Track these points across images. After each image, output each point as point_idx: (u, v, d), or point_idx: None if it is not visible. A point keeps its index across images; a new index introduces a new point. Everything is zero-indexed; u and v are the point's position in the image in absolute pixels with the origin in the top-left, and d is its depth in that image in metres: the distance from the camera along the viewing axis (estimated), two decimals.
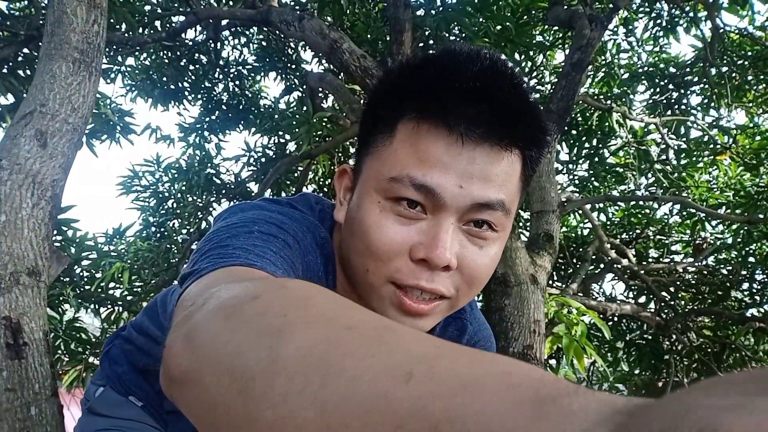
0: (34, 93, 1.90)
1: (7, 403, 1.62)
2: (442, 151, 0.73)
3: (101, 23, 2.04)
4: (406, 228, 0.75)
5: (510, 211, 0.78)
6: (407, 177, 0.73)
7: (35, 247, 1.77)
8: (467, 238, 0.77)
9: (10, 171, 1.75)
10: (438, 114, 0.73)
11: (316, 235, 0.85)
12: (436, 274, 0.76)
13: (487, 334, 1.07)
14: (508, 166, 0.76)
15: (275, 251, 0.73)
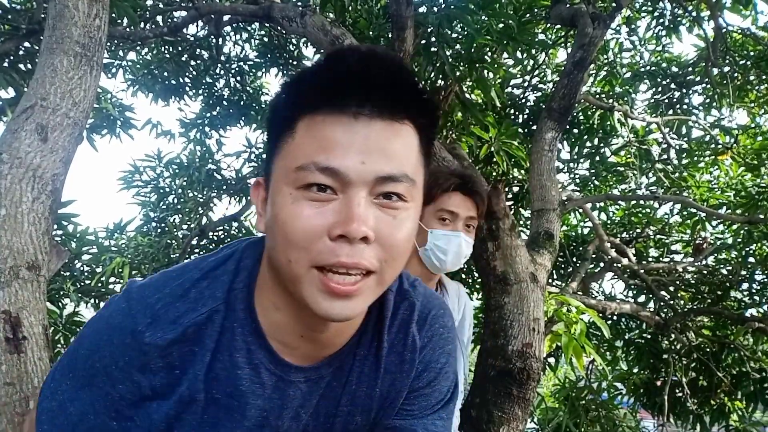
0: (35, 87, 1.90)
1: (6, 397, 1.62)
2: (340, 134, 0.78)
3: (103, 18, 2.04)
4: (320, 211, 0.79)
5: (415, 181, 0.83)
6: (312, 163, 0.78)
7: (35, 242, 1.77)
8: (380, 210, 0.81)
9: (11, 165, 1.75)
10: (330, 101, 0.79)
11: (186, 330, 0.89)
12: (356, 248, 0.78)
13: (437, 303, 1.08)
14: (404, 139, 0.82)
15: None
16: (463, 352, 2.22)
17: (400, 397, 1.02)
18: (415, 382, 1.02)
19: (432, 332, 1.04)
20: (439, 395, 1.05)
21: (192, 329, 0.89)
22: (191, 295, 0.91)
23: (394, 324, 1.01)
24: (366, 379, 0.99)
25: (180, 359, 0.89)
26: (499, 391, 2.76)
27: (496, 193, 2.88)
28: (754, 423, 4.84)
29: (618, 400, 5.05)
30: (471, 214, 2.09)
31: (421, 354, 1.02)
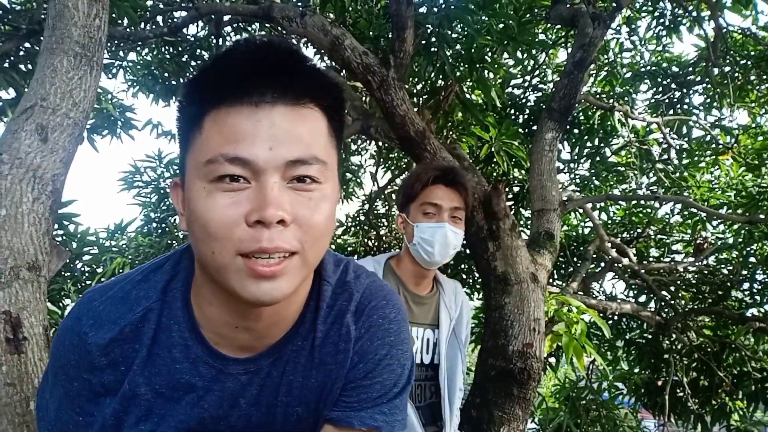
0: (35, 87, 1.90)
1: (6, 397, 1.62)
2: (244, 123, 0.81)
3: (103, 18, 2.04)
4: (234, 200, 0.81)
5: (326, 162, 0.86)
6: (220, 155, 0.80)
7: (35, 242, 1.77)
8: (295, 193, 0.83)
9: (11, 165, 1.75)
10: (230, 93, 0.81)
11: (123, 329, 0.95)
12: (275, 232, 0.81)
13: (381, 294, 1.09)
14: (310, 122, 0.85)
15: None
16: (461, 350, 2.22)
17: (336, 388, 1.03)
18: (352, 374, 1.03)
19: (370, 323, 1.04)
20: (381, 389, 1.04)
21: (129, 328, 0.94)
22: (132, 296, 0.97)
23: (330, 314, 1.02)
24: (302, 370, 1.01)
25: (122, 357, 0.95)
26: (500, 391, 2.76)
27: (496, 193, 2.88)
28: (755, 423, 4.84)
29: (619, 400, 5.05)
30: (455, 205, 2.10)
31: (357, 345, 1.02)
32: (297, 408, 1.04)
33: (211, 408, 0.99)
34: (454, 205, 2.10)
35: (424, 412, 2.13)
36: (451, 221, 2.09)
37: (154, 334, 0.95)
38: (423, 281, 2.19)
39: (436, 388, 2.18)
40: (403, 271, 2.17)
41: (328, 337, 1.02)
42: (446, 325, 2.19)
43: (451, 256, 2.12)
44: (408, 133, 3.07)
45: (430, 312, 2.20)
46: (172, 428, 0.98)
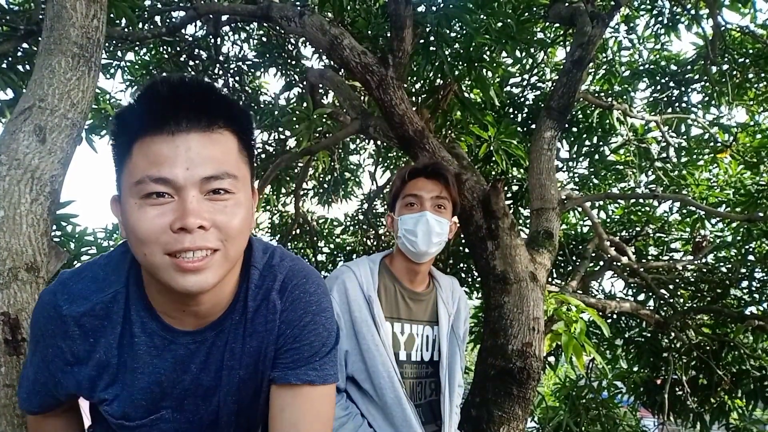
0: (33, 88, 1.89)
1: (5, 399, 1.62)
2: (164, 149, 0.99)
3: (101, 18, 2.03)
4: (161, 212, 1.00)
5: (237, 176, 1.06)
6: (147, 176, 0.99)
7: (34, 243, 1.77)
8: (213, 203, 1.03)
9: (9, 166, 1.75)
10: (151, 125, 1.00)
11: (95, 306, 1.16)
12: (197, 236, 1.01)
13: (302, 273, 1.30)
14: (221, 144, 1.04)
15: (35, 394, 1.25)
16: (459, 347, 2.22)
17: (270, 352, 1.25)
18: (282, 339, 1.25)
19: (293, 297, 1.26)
20: (311, 349, 1.26)
21: (99, 306, 1.15)
22: (100, 278, 1.18)
23: (259, 293, 1.25)
24: (240, 338, 1.24)
25: (92, 330, 1.15)
26: (500, 391, 2.76)
27: (495, 192, 2.88)
28: (754, 421, 4.84)
29: (618, 398, 5.05)
30: (436, 194, 2.11)
31: (282, 315, 1.25)
32: (239, 371, 1.25)
33: (167, 371, 1.20)
34: (435, 194, 2.11)
35: (424, 410, 2.13)
36: (434, 210, 2.09)
37: (124, 314, 1.16)
38: (417, 277, 2.19)
39: (436, 385, 2.18)
40: (396, 269, 2.18)
41: (258, 311, 1.24)
42: (445, 322, 2.19)
43: (437, 245, 2.11)
44: (407, 132, 3.07)
45: (428, 309, 2.20)
46: (137, 390, 1.19)
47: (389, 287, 2.13)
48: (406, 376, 2.09)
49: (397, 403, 1.98)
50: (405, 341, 2.12)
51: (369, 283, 2.06)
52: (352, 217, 6.50)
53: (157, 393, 1.21)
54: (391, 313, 2.10)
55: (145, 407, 1.21)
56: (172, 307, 1.16)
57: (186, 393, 1.23)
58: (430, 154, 3.03)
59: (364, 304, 2.01)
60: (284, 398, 1.24)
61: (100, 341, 1.16)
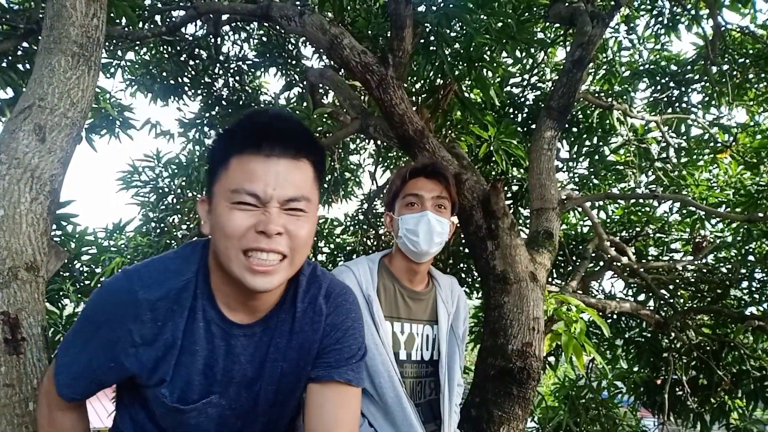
0: (32, 87, 1.89)
1: (5, 398, 1.62)
2: (260, 169, 1.23)
3: (100, 17, 2.04)
4: (247, 216, 1.22)
5: (310, 199, 1.29)
6: (242, 188, 1.22)
7: (34, 242, 1.77)
8: (288, 216, 1.25)
9: (9, 165, 1.75)
10: (251, 146, 1.24)
11: (169, 292, 1.31)
12: (273, 240, 1.23)
13: (341, 285, 1.54)
14: (302, 171, 1.28)
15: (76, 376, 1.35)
16: (458, 346, 2.22)
17: (314, 349, 1.44)
18: (327, 340, 1.45)
19: (336, 304, 1.48)
20: (350, 351, 1.46)
21: (174, 292, 1.30)
22: (172, 269, 1.33)
23: (306, 297, 1.45)
24: (285, 335, 1.42)
25: (163, 314, 1.29)
26: (500, 391, 2.75)
27: (495, 192, 2.88)
28: (754, 421, 4.84)
29: (618, 398, 5.05)
30: (436, 194, 2.12)
31: (328, 318, 1.46)
32: (282, 363, 1.41)
33: (220, 358, 1.35)
34: (436, 194, 2.12)
35: (424, 409, 2.12)
36: (435, 210, 2.10)
37: (192, 301, 1.31)
38: (416, 276, 2.19)
39: (435, 384, 2.18)
40: (396, 268, 2.18)
41: (306, 313, 1.44)
42: (445, 321, 2.19)
43: (437, 245, 2.11)
44: (407, 132, 3.07)
45: (428, 308, 2.20)
46: (195, 371, 1.33)
47: (388, 287, 2.14)
48: (406, 375, 2.09)
49: (398, 403, 1.98)
50: (405, 341, 2.12)
51: (368, 282, 2.06)
52: (352, 217, 6.48)
53: (210, 377, 1.35)
54: (390, 313, 2.10)
55: (199, 390, 1.35)
56: (234, 298, 1.34)
57: (232, 381, 1.38)
58: (430, 153, 3.03)
59: (363, 304, 2.01)
60: (325, 394, 1.41)
61: (167, 324, 1.29)
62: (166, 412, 1.35)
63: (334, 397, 1.41)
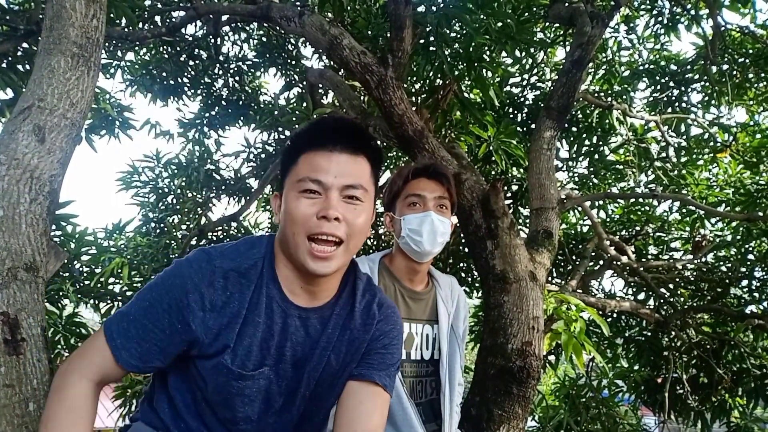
0: (32, 88, 1.89)
1: (5, 399, 1.62)
2: (323, 161, 1.39)
3: (100, 18, 2.04)
4: (311, 203, 1.37)
5: (367, 190, 1.44)
6: (307, 177, 1.38)
7: (33, 243, 1.77)
8: (347, 204, 1.39)
9: (8, 166, 1.75)
10: (317, 144, 1.41)
11: (241, 265, 1.44)
12: (333, 225, 1.36)
13: (390, 300, 1.66)
14: (360, 165, 1.43)
15: (137, 341, 1.40)
16: (459, 345, 2.22)
17: (362, 348, 1.54)
18: (374, 343, 1.56)
19: (386, 313, 1.59)
20: (392, 358, 1.58)
21: (245, 267, 1.43)
22: (242, 250, 1.47)
23: (363, 300, 1.56)
24: (339, 329, 1.51)
25: (233, 285, 1.41)
26: (499, 390, 2.76)
27: (495, 191, 2.88)
28: (755, 419, 4.85)
29: (619, 397, 5.06)
30: (438, 194, 2.14)
31: (378, 324, 1.56)
32: (330, 354, 1.50)
33: (276, 333, 1.45)
34: (438, 194, 2.13)
35: (425, 409, 2.13)
36: (437, 210, 2.11)
37: (258, 278, 1.44)
38: (417, 276, 2.19)
39: (436, 383, 2.18)
40: (396, 268, 2.18)
41: (362, 313, 1.55)
42: (445, 320, 2.19)
43: (440, 245, 2.12)
44: (406, 132, 3.07)
45: (428, 308, 2.21)
46: (256, 341, 1.43)
47: (389, 286, 2.14)
48: (406, 374, 2.09)
49: (398, 402, 1.98)
50: (405, 340, 2.12)
51: None
52: None
53: (265, 350, 1.44)
54: None
55: (256, 360, 1.44)
56: (292, 280, 1.45)
57: (282, 357, 1.46)
58: (429, 154, 3.03)
59: None
60: (365, 393, 1.51)
61: (235, 295, 1.40)
62: (226, 380, 1.43)
63: (371, 398, 1.51)
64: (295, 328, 1.47)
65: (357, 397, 1.51)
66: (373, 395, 1.52)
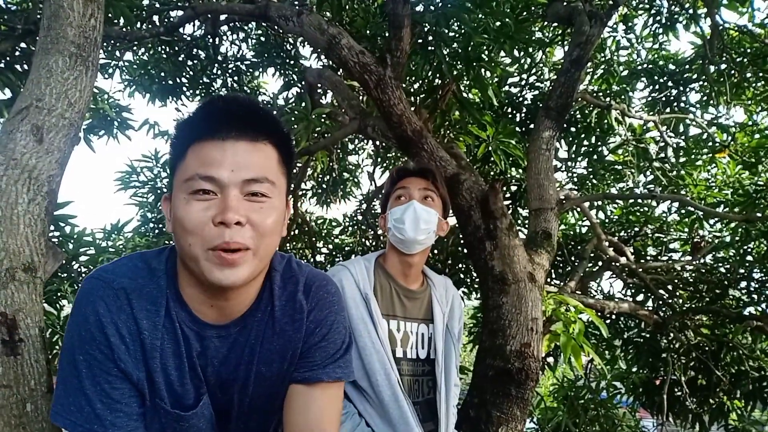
0: (30, 88, 1.89)
1: (2, 399, 1.61)
2: (214, 152, 1.15)
3: (98, 17, 2.03)
4: (205, 207, 1.13)
5: (275, 183, 1.20)
6: (196, 174, 1.14)
7: (31, 243, 1.76)
8: (250, 203, 1.16)
9: (6, 166, 1.74)
10: (207, 131, 1.16)
11: (143, 287, 1.25)
12: (235, 232, 1.13)
13: (321, 277, 1.44)
14: (264, 153, 1.19)
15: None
16: (454, 345, 2.22)
17: (297, 350, 1.36)
18: (311, 338, 1.37)
19: (318, 298, 1.39)
20: (335, 346, 1.40)
21: (147, 290, 1.24)
22: (139, 267, 1.27)
23: (284, 295, 1.36)
24: (263, 336, 1.34)
25: (139, 312, 1.22)
26: (498, 391, 2.75)
27: (493, 192, 2.88)
28: (753, 422, 4.84)
29: (617, 399, 5.05)
30: (423, 186, 2.17)
31: (310, 315, 1.37)
32: (260, 366, 1.34)
33: (197, 358, 1.28)
34: (422, 186, 2.17)
35: (423, 409, 2.13)
36: (422, 201, 2.14)
37: (166, 302, 1.25)
38: (410, 272, 2.20)
39: (433, 383, 2.18)
40: (390, 266, 2.20)
41: (285, 311, 1.35)
42: (440, 319, 2.20)
43: (424, 233, 2.12)
44: (405, 132, 3.07)
45: (423, 307, 2.22)
46: (185, 373, 1.27)
47: (384, 285, 2.15)
48: (403, 373, 2.09)
49: (394, 400, 1.98)
50: (401, 338, 2.13)
51: (365, 281, 2.08)
52: (350, 218, 6.49)
53: (195, 378, 1.29)
54: (386, 311, 2.11)
55: (193, 393, 1.30)
56: (199, 299, 1.26)
57: (208, 382, 1.32)
58: (428, 154, 3.03)
59: (361, 302, 2.02)
60: (311, 394, 1.35)
61: (143, 323, 1.22)
62: (172, 421, 1.28)
63: (320, 397, 1.36)
64: (215, 350, 1.30)
65: (304, 400, 1.35)
66: (323, 392, 1.36)
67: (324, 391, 1.36)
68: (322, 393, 1.36)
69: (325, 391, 1.36)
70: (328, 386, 1.37)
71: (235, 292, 1.25)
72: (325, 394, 1.36)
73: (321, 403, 1.35)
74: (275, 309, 1.34)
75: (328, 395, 1.37)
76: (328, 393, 1.37)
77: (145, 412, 1.27)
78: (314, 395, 1.35)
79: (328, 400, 1.36)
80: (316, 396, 1.35)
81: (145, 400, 1.26)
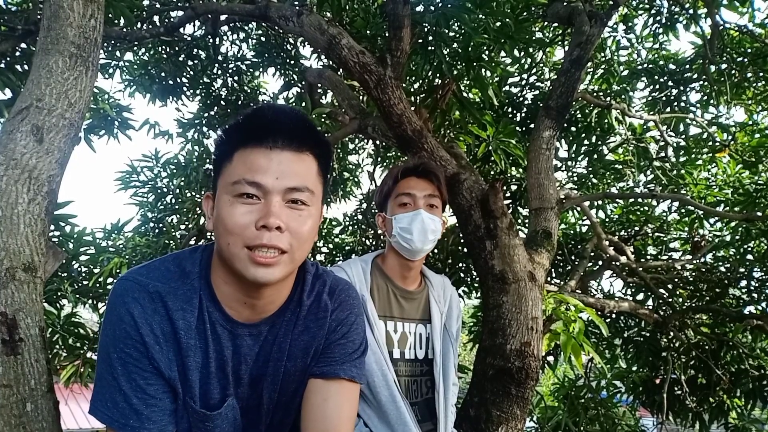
0: (30, 88, 1.89)
1: (2, 399, 1.62)
2: (261, 159, 1.21)
3: (98, 18, 2.03)
4: (248, 210, 1.20)
5: (314, 192, 1.27)
6: (243, 179, 1.21)
7: (31, 243, 1.76)
8: (290, 210, 1.23)
9: (6, 166, 1.75)
10: (254, 138, 1.23)
11: (177, 289, 1.30)
12: (274, 235, 1.20)
13: (343, 282, 1.53)
14: (305, 163, 1.27)
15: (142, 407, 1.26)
16: (452, 345, 2.23)
17: (319, 345, 1.43)
18: (332, 335, 1.44)
19: (341, 300, 1.47)
20: (353, 346, 1.47)
21: (181, 292, 1.29)
22: (172, 269, 1.32)
23: (312, 295, 1.44)
24: (290, 334, 1.41)
25: (174, 313, 1.27)
26: (498, 390, 2.75)
27: (494, 191, 2.88)
28: (753, 420, 4.84)
29: (617, 398, 5.06)
30: (428, 193, 2.16)
31: (333, 314, 1.45)
32: (286, 362, 1.41)
33: (229, 360, 1.34)
34: (428, 192, 2.15)
35: (421, 408, 2.13)
36: (427, 208, 2.13)
37: (199, 302, 1.31)
38: (409, 275, 2.20)
39: (431, 383, 2.18)
40: (388, 268, 2.20)
41: (311, 309, 1.43)
42: (438, 319, 2.20)
43: (431, 243, 2.13)
44: (405, 132, 3.07)
45: (420, 307, 2.22)
46: (212, 374, 1.33)
47: (381, 286, 2.15)
48: (400, 374, 2.10)
49: (392, 401, 1.98)
50: (398, 339, 2.13)
51: (362, 282, 2.08)
52: (350, 217, 6.48)
53: (224, 379, 1.35)
54: (383, 312, 2.11)
55: (218, 393, 1.35)
56: (234, 297, 1.31)
57: (240, 381, 1.38)
58: (428, 153, 3.03)
59: None
60: (329, 390, 1.41)
61: (179, 323, 1.28)
62: (199, 420, 1.34)
63: (337, 393, 1.41)
64: (247, 348, 1.36)
65: (321, 396, 1.40)
66: (340, 389, 1.42)
67: (340, 388, 1.42)
68: (338, 390, 1.41)
69: (341, 389, 1.42)
70: (344, 385, 1.42)
71: (269, 290, 1.31)
72: (341, 392, 1.41)
73: (338, 399, 1.40)
74: (303, 308, 1.41)
75: (344, 394, 1.42)
76: (344, 392, 1.42)
77: (176, 409, 1.33)
78: (331, 391, 1.41)
79: (344, 399, 1.41)
80: (332, 392, 1.41)
81: (177, 398, 1.32)
